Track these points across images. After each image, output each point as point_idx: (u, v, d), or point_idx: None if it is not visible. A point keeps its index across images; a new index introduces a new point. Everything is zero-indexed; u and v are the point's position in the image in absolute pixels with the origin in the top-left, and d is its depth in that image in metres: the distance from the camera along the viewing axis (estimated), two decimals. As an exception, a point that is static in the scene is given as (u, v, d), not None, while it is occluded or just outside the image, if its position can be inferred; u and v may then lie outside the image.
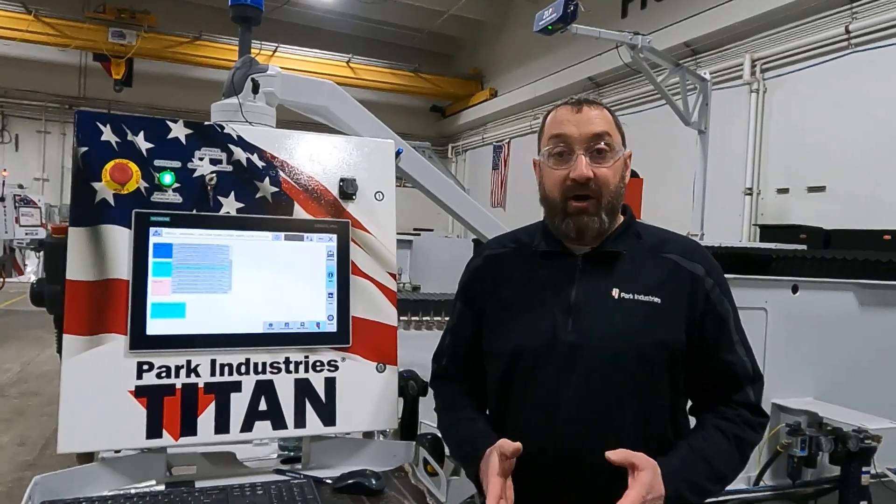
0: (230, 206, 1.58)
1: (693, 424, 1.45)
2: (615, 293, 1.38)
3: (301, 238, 1.63)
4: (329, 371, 1.60)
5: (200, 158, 1.57)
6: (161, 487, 1.46)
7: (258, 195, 1.61)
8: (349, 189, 1.68)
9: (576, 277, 1.41)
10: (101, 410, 1.41)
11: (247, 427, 1.51)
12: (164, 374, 1.46)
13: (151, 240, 1.49)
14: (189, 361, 1.48)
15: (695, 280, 1.40)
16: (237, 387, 1.52)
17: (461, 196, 3.04)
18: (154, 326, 1.47)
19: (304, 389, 1.57)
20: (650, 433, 1.36)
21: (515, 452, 1.30)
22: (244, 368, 1.53)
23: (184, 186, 1.54)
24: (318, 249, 1.64)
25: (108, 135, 1.51)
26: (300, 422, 1.56)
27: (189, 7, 15.78)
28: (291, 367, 1.57)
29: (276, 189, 1.63)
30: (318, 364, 1.59)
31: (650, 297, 1.37)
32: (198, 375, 1.49)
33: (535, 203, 1.50)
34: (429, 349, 1.65)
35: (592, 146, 1.38)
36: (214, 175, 1.57)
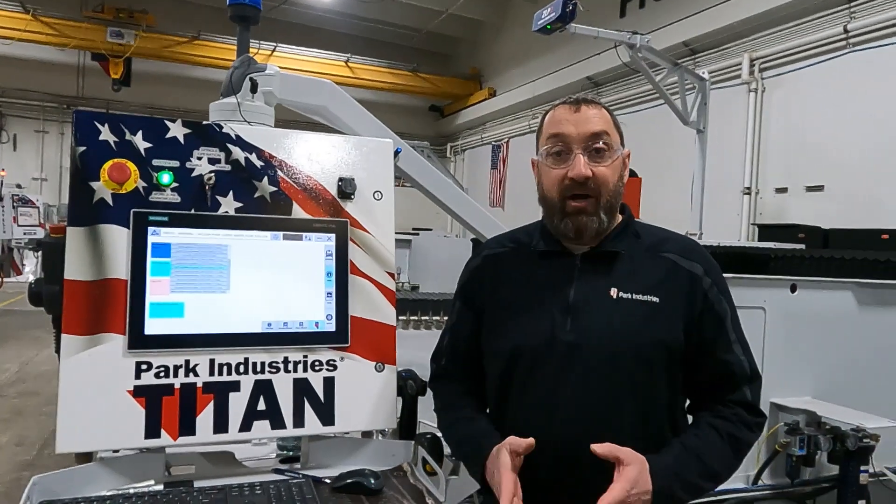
0: (228, 206, 1.58)
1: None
2: (613, 293, 1.38)
3: (300, 238, 1.63)
4: (328, 371, 1.60)
5: (199, 158, 1.57)
6: (160, 487, 1.46)
7: (257, 195, 1.61)
8: (348, 188, 1.68)
9: (574, 277, 1.42)
10: (100, 410, 1.41)
11: (245, 427, 1.51)
12: (163, 374, 1.46)
13: (150, 239, 1.49)
14: (188, 361, 1.48)
15: (693, 279, 1.40)
16: (236, 386, 1.51)
17: (460, 195, 3.04)
18: (152, 326, 1.47)
19: (303, 389, 1.57)
20: (649, 432, 1.36)
21: (528, 448, 1.30)
22: (243, 368, 1.53)
23: (182, 186, 1.54)
24: (317, 249, 1.64)
25: (107, 134, 1.50)
26: (299, 421, 1.56)
27: (187, 6, 15.76)
28: (290, 367, 1.57)
29: (275, 188, 1.62)
30: (317, 364, 1.59)
31: (648, 297, 1.37)
32: (196, 375, 1.49)
33: (534, 202, 1.50)
34: (427, 349, 1.65)
35: (591, 145, 1.38)
36: (213, 174, 1.57)
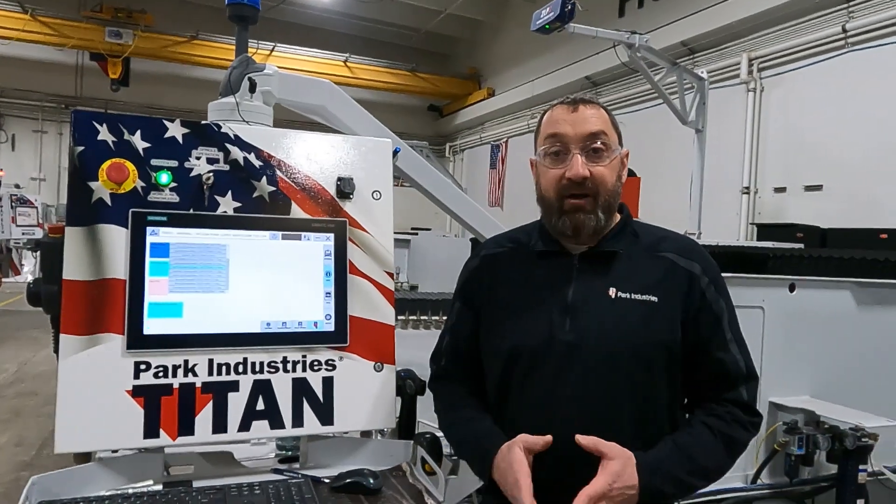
0: (227, 206, 1.58)
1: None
2: (612, 292, 1.38)
3: (298, 237, 1.62)
4: (327, 370, 1.60)
5: (197, 158, 1.57)
6: (158, 487, 1.46)
7: (255, 194, 1.61)
8: (346, 188, 1.67)
9: (573, 277, 1.42)
10: (99, 410, 1.41)
11: (244, 427, 1.51)
12: (162, 374, 1.46)
13: (148, 239, 1.49)
14: (186, 361, 1.48)
15: (691, 278, 1.40)
16: (235, 386, 1.51)
17: (459, 195, 3.04)
18: (151, 326, 1.47)
19: (302, 389, 1.57)
20: (648, 432, 1.36)
21: (545, 446, 1.31)
22: (242, 368, 1.52)
23: (181, 186, 1.54)
24: (316, 249, 1.64)
25: (105, 134, 1.50)
26: (298, 421, 1.56)
27: (186, 6, 15.75)
28: (289, 367, 1.56)
29: (274, 188, 1.62)
30: (316, 363, 1.59)
31: (647, 296, 1.37)
32: (195, 375, 1.48)
33: (533, 202, 1.50)
34: (427, 348, 1.65)
35: (588, 145, 1.39)
36: (211, 174, 1.56)
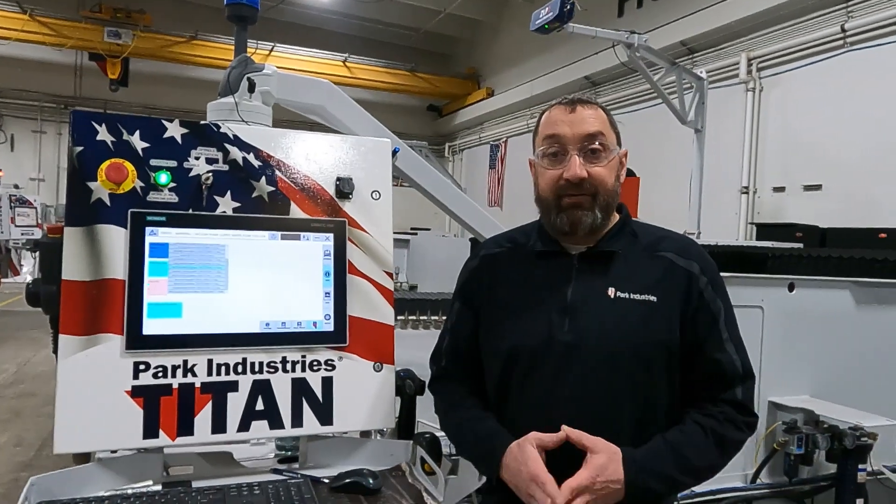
0: (226, 206, 1.58)
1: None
2: (611, 292, 1.38)
3: (298, 237, 1.62)
4: (326, 370, 1.59)
5: (196, 158, 1.57)
6: (158, 488, 1.46)
7: (254, 194, 1.61)
8: (346, 188, 1.67)
9: (572, 277, 1.42)
10: (98, 411, 1.41)
11: (244, 427, 1.51)
12: (161, 374, 1.46)
13: (147, 239, 1.49)
14: (186, 361, 1.48)
15: (690, 278, 1.40)
16: (234, 386, 1.51)
17: (458, 195, 3.04)
18: (150, 326, 1.46)
19: (301, 389, 1.57)
20: (648, 432, 1.36)
21: (559, 443, 1.30)
22: (241, 368, 1.52)
23: (180, 186, 1.54)
24: (315, 249, 1.63)
25: (104, 134, 1.50)
26: (297, 421, 1.55)
27: (185, 6, 15.74)
28: (288, 367, 1.56)
29: (273, 188, 1.62)
30: (315, 363, 1.59)
31: (646, 296, 1.37)
32: (194, 375, 1.48)
33: (532, 202, 1.50)
34: (426, 348, 1.65)
35: (586, 146, 1.39)
36: (210, 174, 1.56)
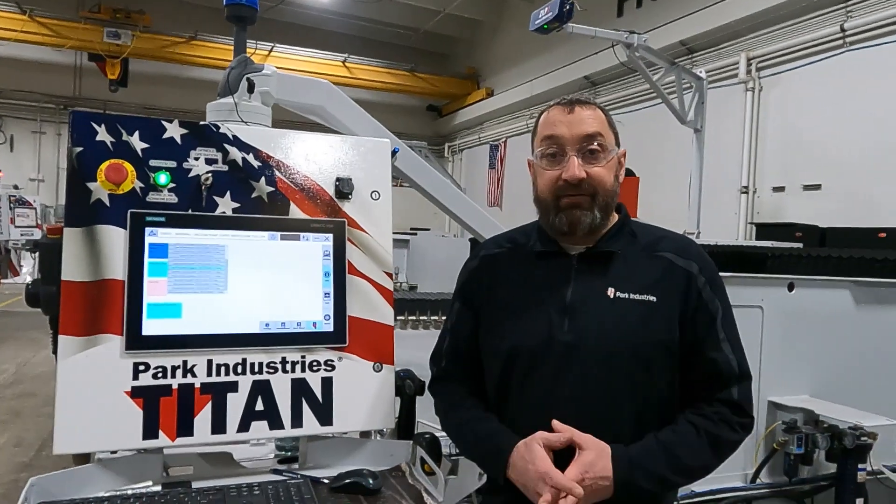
0: (226, 206, 1.58)
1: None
2: (610, 293, 1.38)
3: (297, 238, 1.62)
4: (326, 371, 1.59)
5: (196, 158, 1.57)
6: (158, 488, 1.46)
7: (254, 195, 1.61)
8: (345, 189, 1.67)
9: (571, 277, 1.42)
10: (98, 411, 1.41)
11: (243, 427, 1.51)
12: (161, 375, 1.46)
13: (147, 240, 1.49)
14: (185, 362, 1.48)
15: (689, 278, 1.40)
16: (234, 387, 1.51)
17: (457, 195, 3.04)
18: (150, 327, 1.47)
19: (301, 389, 1.57)
20: (647, 431, 1.36)
21: (567, 444, 1.30)
22: (241, 368, 1.52)
23: (179, 186, 1.54)
24: (315, 249, 1.63)
25: (103, 135, 1.50)
26: (297, 422, 1.55)
27: (184, 7, 15.73)
28: (288, 367, 1.56)
29: (272, 189, 1.62)
30: (315, 364, 1.59)
31: (645, 297, 1.37)
32: (194, 376, 1.48)
33: (532, 202, 1.50)
34: (426, 348, 1.65)
35: (585, 147, 1.39)
36: (210, 175, 1.56)
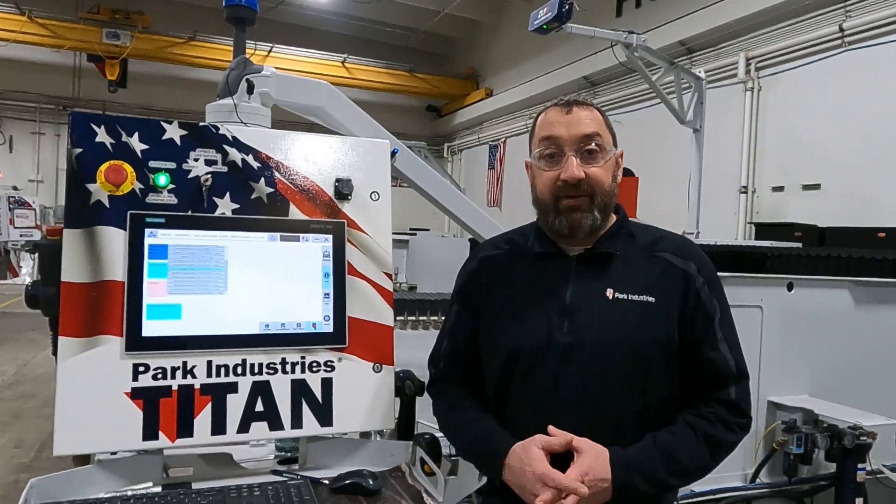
0: (225, 207, 1.58)
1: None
2: (609, 294, 1.39)
3: (297, 239, 1.62)
4: (325, 371, 1.60)
5: (195, 159, 1.57)
6: (158, 489, 1.46)
7: (253, 196, 1.61)
8: (345, 189, 1.67)
9: (570, 278, 1.42)
10: (97, 412, 1.41)
11: (243, 428, 1.51)
12: (160, 376, 1.46)
13: (147, 241, 1.49)
14: (185, 363, 1.48)
15: (687, 278, 1.40)
16: (233, 388, 1.51)
17: (457, 196, 3.04)
18: (150, 328, 1.46)
19: (301, 390, 1.57)
20: (647, 432, 1.36)
21: (565, 447, 1.30)
22: (240, 369, 1.52)
23: (179, 187, 1.54)
24: (314, 250, 1.63)
25: (103, 136, 1.50)
26: (297, 422, 1.55)
27: (183, 8, 15.73)
28: (288, 368, 1.56)
29: (272, 190, 1.62)
30: (315, 364, 1.59)
31: (644, 297, 1.38)
32: (194, 377, 1.48)
33: (531, 203, 1.50)
34: (426, 349, 1.65)
35: (583, 147, 1.39)
36: (209, 176, 1.56)
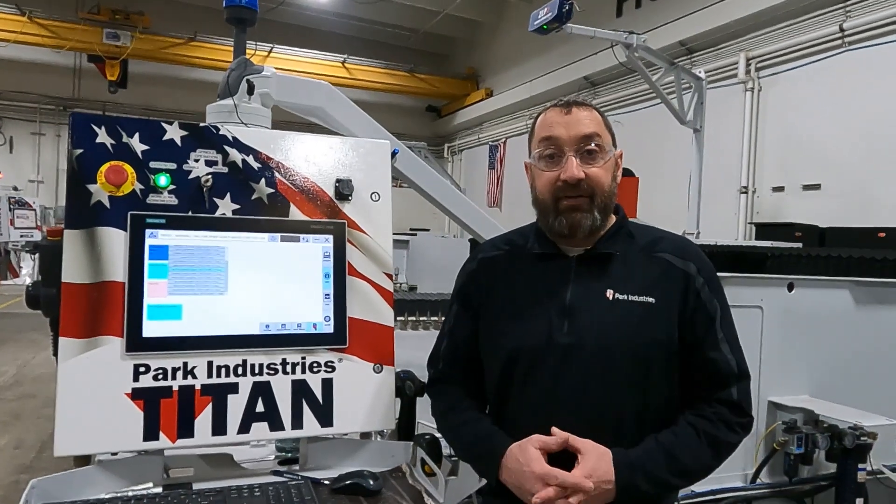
0: (226, 208, 1.58)
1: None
2: (609, 294, 1.39)
3: (297, 239, 1.62)
4: (326, 372, 1.60)
5: (196, 160, 1.57)
6: (158, 490, 1.46)
7: (254, 196, 1.61)
8: (345, 190, 1.67)
9: (570, 279, 1.42)
10: (98, 413, 1.41)
11: (244, 429, 1.51)
12: (161, 377, 1.46)
13: (147, 242, 1.49)
14: (186, 363, 1.48)
15: (687, 278, 1.41)
16: (234, 388, 1.51)
17: (457, 196, 3.05)
18: (150, 328, 1.46)
19: (302, 390, 1.57)
20: (648, 432, 1.36)
21: (562, 446, 1.31)
22: (241, 370, 1.52)
23: (179, 188, 1.54)
24: (315, 250, 1.64)
25: (103, 137, 1.50)
26: (297, 423, 1.55)
27: (184, 8, 15.72)
28: (288, 369, 1.56)
29: (272, 190, 1.62)
30: (315, 365, 1.59)
31: (644, 298, 1.38)
32: (194, 377, 1.48)
33: (531, 203, 1.50)
34: (426, 349, 1.65)
35: (582, 147, 1.39)
36: (210, 177, 1.56)
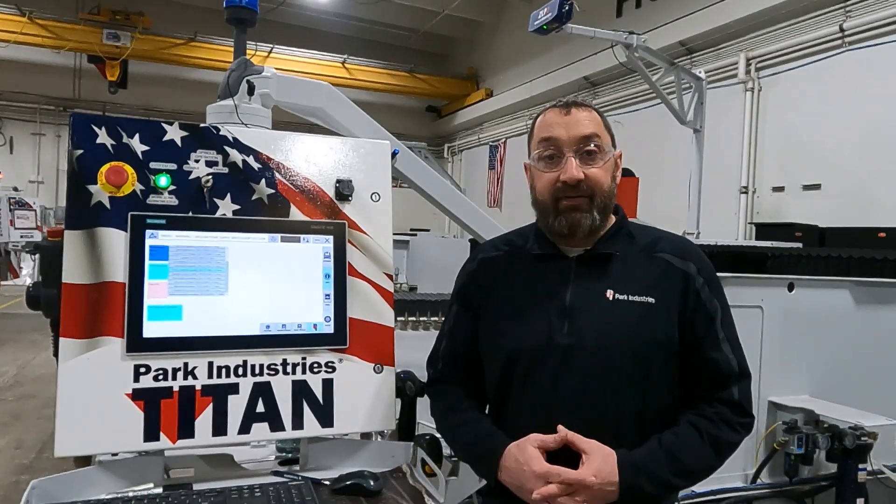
0: (226, 208, 1.58)
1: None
2: (609, 294, 1.39)
3: (297, 240, 1.62)
4: (326, 372, 1.60)
5: (196, 160, 1.57)
6: (159, 490, 1.46)
7: (254, 197, 1.61)
8: (345, 190, 1.68)
9: (570, 279, 1.42)
10: (99, 414, 1.41)
11: (244, 429, 1.51)
12: (161, 377, 1.46)
13: (147, 242, 1.49)
14: (186, 364, 1.48)
15: (687, 278, 1.41)
16: (234, 389, 1.51)
17: (457, 196, 3.05)
18: (151, 329, 1.47)
19: (302, 391, 1.57)
20: (648, 432, 1.36)
21: (560, 444, 1.31)
22: (241, 370, 1.53)
23: (180, 189, 1.54)
24: (315, 251, 1.64)
25: (104, 137, 1.50)
26: (298, 423, 1.56)
27: (184, 9, 15.72)
28: (289, 369, 1.56)
29: (273, 191, 1.62)
30: (316, 365, 1.59)
31: (644, 298, 1.38)
32: (195, 378, 1.48)
33: (531, 204, 1.50)
34: (426, 349, 1.65)
35: (582, 148, 1.39)
36: (210, 177, 1.56)
